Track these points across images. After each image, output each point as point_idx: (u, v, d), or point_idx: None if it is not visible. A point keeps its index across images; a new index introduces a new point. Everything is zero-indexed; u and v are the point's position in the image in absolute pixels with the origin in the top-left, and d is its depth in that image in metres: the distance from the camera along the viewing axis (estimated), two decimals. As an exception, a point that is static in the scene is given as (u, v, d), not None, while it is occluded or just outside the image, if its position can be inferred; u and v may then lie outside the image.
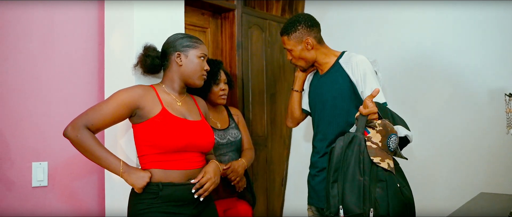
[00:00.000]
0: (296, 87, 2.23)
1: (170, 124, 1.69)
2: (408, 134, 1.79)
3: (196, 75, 1.81)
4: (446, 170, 2.58)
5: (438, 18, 2.66)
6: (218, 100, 2.31)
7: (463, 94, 2.54)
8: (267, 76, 3.09)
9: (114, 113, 1.65)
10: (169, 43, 1.83)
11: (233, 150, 2.32)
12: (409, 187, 1.65)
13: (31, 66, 2.01)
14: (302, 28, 2.02)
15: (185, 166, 1.72)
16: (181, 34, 1.86)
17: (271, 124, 3.10)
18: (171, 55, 1.80)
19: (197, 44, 1.83)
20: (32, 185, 1.98)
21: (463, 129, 2.53)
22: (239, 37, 2.87)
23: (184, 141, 1.69)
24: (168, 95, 1.79)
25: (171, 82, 1.82)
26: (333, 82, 2.01)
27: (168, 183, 1.68)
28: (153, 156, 1.69)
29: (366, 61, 1.94)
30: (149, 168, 1.70)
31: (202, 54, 1.82)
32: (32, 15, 2.01)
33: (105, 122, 1.66)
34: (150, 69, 1.83)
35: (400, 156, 1.69)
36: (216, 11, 2.87)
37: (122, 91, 1.70)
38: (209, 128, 1.84)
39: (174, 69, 1.80)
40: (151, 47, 1.84)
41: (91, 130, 1.64)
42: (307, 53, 2.04)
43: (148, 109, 1.70)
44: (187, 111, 1.81)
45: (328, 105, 2.03)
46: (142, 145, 1.72)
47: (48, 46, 2.06)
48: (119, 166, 1.63)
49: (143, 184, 1.64)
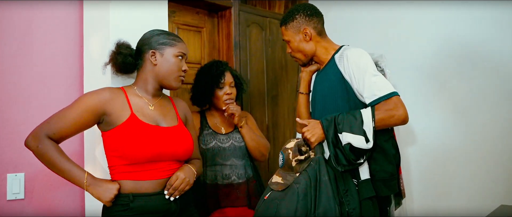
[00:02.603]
0: (301, 88, 2.02)
1: (139, 132, 1.53)
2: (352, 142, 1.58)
3: (172, 76, 1.64)
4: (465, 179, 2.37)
5: (446, 14, 2.50)
6: (223, 106, 2.16)
7: (480, 94, 2.34)
8: (268, 77, 2.91)
9: (78, 120, 1.51)
10: (144, 40, 1.67)
11: (238, 156, 2.16)
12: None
13: (6, 71, 1.89)
14: (300, 17, 1.84)
15: (157, 176, 1.56)
16: (158, 30, 1.69)
17: (273, 128, 2.91)
18: (145, 53, 1.64)
19: (174, 41, 1.66)
20: (7, 198, 1.85)
21: (479, 133, 2.32)
22: (236, 37, 2.71)
23: (154, 151, 1.53)
24: (140, 99, 1.63)
25: (144, 83, 1.65)
26: (325, 80, 1.82)
27: (139, 194, 1.52)
28: (122, 167, 1.54)
29: (360, 55, 1.71)
30: (118, 179, 1.55)
31: (180, 53, 1.65)
32: (8, 17, 1.89)
33: (69, 130, 1.51)
34: (122, 68, 1.67)
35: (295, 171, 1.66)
36: (211, 9, 2.72)
37: (87, 96, 1.55)
38: (187, 134, 1.67)
39: (148, 68, 1.64)
40: (124, 44, 1.67)
41: (54, 139, 1.50)
42: (305, 45, 1.85)
43: (116, 115, 1.54)
44: (160, 115, 1.64)
45: (319, 106, 1.84)
46: (110, 155, 1.56)
47: (24, 50, 1.93)
48: (83, 179, 1.49)
49: (110, 197, 1.49)
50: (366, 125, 1.58)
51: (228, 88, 2.17)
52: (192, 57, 2.62)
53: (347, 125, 1.60)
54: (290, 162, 1.64)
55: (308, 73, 1.98)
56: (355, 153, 1.60)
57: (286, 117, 3.01)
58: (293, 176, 1.63)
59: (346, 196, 1.62)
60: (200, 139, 2.15)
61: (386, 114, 1.59)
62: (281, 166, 1.71)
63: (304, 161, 1.64)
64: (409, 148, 2.61)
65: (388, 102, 1.60)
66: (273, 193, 1.65)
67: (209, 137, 2.15)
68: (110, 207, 1.52)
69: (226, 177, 2.12)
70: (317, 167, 1.60)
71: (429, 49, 2.55)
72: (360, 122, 1.59)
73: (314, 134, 1.67)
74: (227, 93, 2.16)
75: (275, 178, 1.69)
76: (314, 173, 1.60)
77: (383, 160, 1.67)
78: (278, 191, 1.64)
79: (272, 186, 1.68)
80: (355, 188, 1.64)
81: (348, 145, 1.58)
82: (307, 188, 1.57)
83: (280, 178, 1.67)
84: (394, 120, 1.60)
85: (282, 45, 3.01)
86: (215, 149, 2.13)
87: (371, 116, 1.59)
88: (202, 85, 2.18)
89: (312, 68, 1.95)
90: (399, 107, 1.60)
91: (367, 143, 1.57)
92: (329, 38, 1.90)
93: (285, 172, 1.67)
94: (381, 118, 1.59)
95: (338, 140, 1.61)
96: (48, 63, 2.00)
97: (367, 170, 1.66)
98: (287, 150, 1.67)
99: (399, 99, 1.62)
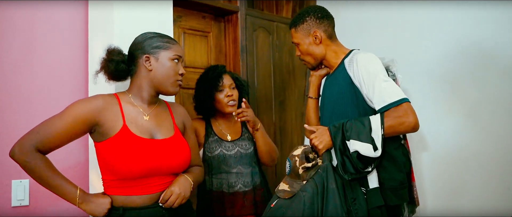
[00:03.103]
0: (310, 93, 1.99)
1: (131, 146, 1.44)
2: (360, 150, 1.54)
3: (169, 81, 1.56)
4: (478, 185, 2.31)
5: (457, 16, 2.44)
6: (227, 109, 2.11)
7: (493, 97, 2.28)
8: (275, 82, 2.88)
9: (68, 130, 1.43)
10: (136, 44, 1.58)
11: (244, 163, 2.12)
12: None
13: (10, 74, 1.88)
14: (310, 19, 1.81)
15: (150, 191, 1.49)
16: (151, 33, 1.61)
17: (280, 134, 2.88)
18: (139, 58, 1.55)
19: (169, 44, 1.58)
20: (12, 204, 1.84)
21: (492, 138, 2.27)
22: (243, 41, 2.68)
23: (147, 166, 1.45)
24: (134, 108, 1.55)
25: (140, 90, 1.57)
26: (334, 85, 1.78)
27: (130, 207, 1.47)
28: (114, 181, 1.48)
29: (370, 60, 1.67)
30: (110, 194, 1.50)
31: (176, 56, 1.57)
32: (12, 17, 1.88)
33: (58, 140, 1.43)
34: (115, 76, 1.57)
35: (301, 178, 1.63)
36: (218, 14, 2.70)
37: (78, 104, 1.47)
38: (183, 145, 1.59)
39: (142, 74, 1.56)
40: (116, 50, 1.57)
41: (42, 151, 1.43)
42: (315, 48, 1.81)
43: (108, 126, 1.46)
44: (155, 126, 1.56)
45: (328, 111, 1.80)
46: (103, 167, 1.49)
47: (28, 52, 1.92)
48: (76, 196, 1.42)
49: (104, 212, 1.44)
50: (375, 133, 1.55)
51: (229, 90, 2.13)
52: (198, 62, 2.60)
53: (355, 132, 1.56)
54: (297, 170, 1.61)
55: (318, 78, 1.94)
56: (363, 161, 1.56)
57: (293, 122, 2.97)
58: (300, 184, 1.60)
59: (354, 205, 1.58)
60: (205, 146, 2.12)
61: (395, 121, 1.55)
62: (288, 173, 1.67)
63: (312, 168, 1.61)
64: (420, 153, 2.56)
65: (398, 109, 1.56)
66: (280, 201, 1.62)
67: (214, 144, 2.11)
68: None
69: (232, 185, 2.08)
70: (324, 175, 1.57)
71: (439, 51, 2.50)
72: (369, 130, 1.55)
73: (322, 141, 1.63)
74: (228, 95, 2.11)
75: (282, 186, 1.66)
76: (321, 181, 1.56)
77: (393, 168, 1.63)
78: (285, 199, 1.60)
79: (279, 194, 1.65)
80: (364, 196, 1.60)
81: (355, 153, 1.54)
82: (313, 196, 1.54)
83: (286, 185, 1.64)
84: (403, 128, 1.56)
85: (289, 50, 2.98)
86: (220, 157, 2.09)
87: (380, 123, 1.55)
88: (201, 91, 2.14)
89: (322, 72, 1.91)
90: (409, 114, 1.55)
91: (375, 151, 1.53)
92: (339, 41, 1.86)
93: (292, 179, 1.64)
94: (390, 125, 1.55)
95: (345, 148, 1.58)
96: (53, 66, 1.98)
97: (376, 178, 1.62)
98: (294, 157, 1.64)
99: (409, 106, 1.57)
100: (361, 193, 1.61)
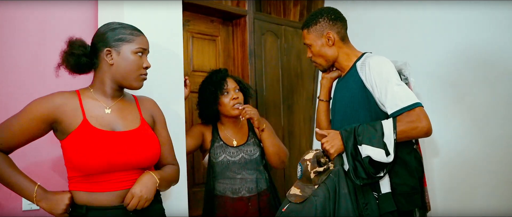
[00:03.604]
0: (321, 95, 1.97)
1: (90, 139, 1.37)
2: (372, 155, 1.53)
3: (132, 76, 1.47)
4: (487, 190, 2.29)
5: (466, 19, 2.42)
6: (232, 112, 2.10)
7: (502, 101, 2.26)
8: (284, 86, 2.87)
9: (26, 129, 1.38)
10: (98, 36, 1.49)
11: (249, 169, 2.11)
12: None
13: (21, 76, 1.88)
14: (324, 20, 1.79)
15: (115, 187, 1.41)
16: (114, 23, 1.51)
17: (289, 138, 2.87)
18: (100, 51, 1.46)
19: (132, 36, 1.48)
20: (23, 208, 1.83)
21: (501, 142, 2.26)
22: (251, 45, 2.68)
23: (107, 160, 1.38)
24: (95, 102, 1.47)
25: (101, 84, 1.48)
26: (346, 89, 1.76)
27: (94, 207, 1.39)
28: (77, 177, 1.41)
29: (383, 63, 1.66)
30: (72, 190, 1.42)
31: (139, 49, 1.47)
32: (21, 19, 1.88)
33: (17, 139, 1.39)
34: (76, 69, 1.48)
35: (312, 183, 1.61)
36: (226, 17, 2.70)
37: (36, 102, 1.41)
38: (150, 137, 1.50)
39: (104, 69, 1.47)
40: (77, 42, 1.48)
41: (2, 150, 1.38)
42: (327, 50, 1.79)
43: (67, 122, 1.40)
44: (117, 119, 1.47)
45: (339, 114, 1.79)
46: (68, 166, 1.43)
47: (39, 54, 1.91)
48: (33, 192, 1.36)
49: (62, 208, 1.36)
50: (387, 138, 1.53)
51: (233, 93, 2.11)
52: (207, 66, 2.60)
53: (367, 137, 1.55)
54: (309, 174, 1.60)
55: (329, 80, 1.93)
56: (375, 166, 1.55)
57: (302, 126, 2.96)
58: (312, 188, 1.59)
59: (365, 210, 1.57)
60: (210, 151, 2.11)
61: (408, 126, 1.54)
62: (299, 177, 1.66)
63: (323, 173, 1.60)
64: (430, 157, 2.55)
65: (411, 114, 1.55)
66: (291, 206, 1.61)
67: (219, 150, 2.10)
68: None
69: (236, 191, 2.08)
70: (336, 180, 1.56)
71: (449, 54, 2.48)
72: (381, 134, 1.54)
73: (333, 145, 1.62)
74: (234, 97, 2.10)
75: (293, 190, 1.65)
76: (333, 185, 1.55)
77: (405, 173, 1.61)
78: (296, 203, 1.59)
79: (290, 198, 1.64)
80: (376, 201, 1.59)
81: (367, 158, 1.53)
82: (325, 201, 1.53)
83: (298, 190, 1.63)
84: (416, 132, 1.55)
85: (297, 53, 2.98)
86: (224, 163, 2.08)
87: (392, 128, 1.54)
88: (206, 95, 2.12)
89: (333, 75, 1.90)
90: (422, 119, 1.54)
91: (387, 156, 1.52)
92: (352, 44, 1.85)
93: (303, 184, 1.63)
94: (402, 130, 1.54)
95: (357, 152, 1.56)
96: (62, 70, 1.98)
97: (388, 183, 1.60)
98: (306, 162, 1.63)
99: (422, 110, 1.56)
100: (373, 198, 1.59)
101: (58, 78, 1.95)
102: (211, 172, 2.10)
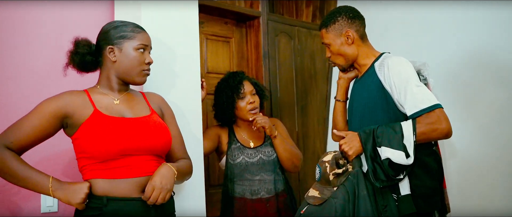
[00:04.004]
0: (338, 96, 1.95)
1: (103, 126, 1.41)
2: (391, 157, 1.51)
3: (135, 72, 1.52)
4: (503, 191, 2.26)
5: (485, 17, 2.39)
6: (248, 116, 2.10)
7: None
8: (297, 87, 2.86)
9: (37, 127, 1.41)
10: (101, 35, 1.55)
11: (267, 170, 2.10)
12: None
13: (40, 76, 1.89)
14: (342, 19, 1.77)
15: (133, 174, 1.42)
16: (117, 22, 1.57)
17: (303, 139, 2.86)
18: (104, 49, 1.52)
19: (133, 33, 1.53)
20: (41, 211, 1.84)
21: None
22: (265, 46, 2.68)
23: (120, 144, 1.40)
24: (103, 95, 1.52)
25: (107, 80, 1.54)
26: (364, 89, 1.74)
27: (115, 198, 1.39)
28: (93, 165, 1.42)
29: (402, 64, 1.64)
30: (90, 178, 1.42)
31: (141, 45, 1.52)
32: (38, 18, 1.89)
33: (28, 139, 1.40)
34: (82, 68, 1.54)
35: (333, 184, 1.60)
36: (240, 19, 2.70)
37: (46, 101, 1.45)
38: (161, 124, 1.54)
39: (108, 66, 1.52)
40: (82, 41, 1.54)
41: (14, 150, 1.39)
42: (347, 48, 1.77)
43: (78, 115, 1.44)
44: (126, 108, 1.52)
45: (357, 116, 1.77)
46: (79, 157, 1.45)
47: (56, 54, 1.90)
48: (48, 183, 1.36)
49: (81, 197, 1.35)
50: (407, 139, 1.51)
51: (250, 97, 2.11)
52: (220, 68, 2.60)
53: (386, 139, 1.53)
54: (327, 176, 1.59)
55: (346, 81, 1.90)
56: (395, 168, 1.53)
57: (316, 127, 2.95)
58: (331, 190, 1.57)
59: (385, 212, 1.55)
60: (228, 153, 2.11)
61: (428, 127, 1.52)
62: (318, 179, 1.65)
63: (342, 174, 1.58)
64: (448, 158, 2.52)
65: (431, 115, 1.52)
66: (310, 208, 1.60)
67: (237, 151, 2.10)
68: (82, 212, 1.39)
69: (255, 192, 2.07)
70: (355, 182, 1.54)
71: (462, 55, 2.46)
72: (400, 136, 1.52)
73: (351, 147, 1.61)
74: (250, 102, 2.10)
75: (312, 192, 1.64)
76: (352, 187, 1.54)
77: (424, 175, 1.59)
78: (315, 205, 1.58)
79: (309, 200, 1.63)
80: (395, 203, 1.57)
81: (387, 160, 1.52)
82: (345, 203, 1.51)
83: (317, 192, 1.62)
84: (436, 134, 1.53)
85: (310, 54, 2.97)
86: (243, 165, 2.08)
87: (412, 130, 1.52)
88: (222, 99, 2.13)
89: (350, 75, 1.88)
90: (442, 121, 1.52)
91: (407, 158, 1.50)
92: (370, 43, 1.83)
93: (322, 186, 1.62)
94: (422, 131, 1.52)
95: (376, 154, 1.55)
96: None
97: (407, 185, 1.58)
98: (324, 164, 1.62)
99: (442, 112, 1.54)
100: (392, 200, 1.58)
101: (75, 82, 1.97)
102: (228, 174, 2.10)
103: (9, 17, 1.84)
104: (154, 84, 1.79)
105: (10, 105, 1.81)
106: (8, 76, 1.82)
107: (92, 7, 2.02)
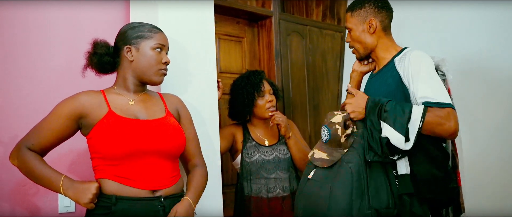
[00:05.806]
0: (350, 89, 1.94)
1: (116, 127, 1.43)
2: (390, 138, 1.47)
3: (152, 71, 1.53)
4: None
5: (496, 18, 2.38)
6: (266, 114, 2.12)
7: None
8: (309, 86, 2.86)
9: (56, 128, 1.44)
10: (119, 35, 1.57)
11: (283, 168, 2.11)
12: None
13: (54, 77, 1.90)
14: (369, 6, 1.73)
15: (144, 175, 1.44)
16: (134, 23, 1.59)
17: (315, 138, 2.85)
18: (121, 50, 1.54)
19: (150, 33, 1.55)
20: (59, 211, 1.85)
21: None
22: (277, 46, 2.68)
23: (132, 146, 1.42)
24: (119, 96, 1.54)
25: (124, 81, 1.56)
26: (382, 84, 1.70)
27: (124, 197, 1.41)
28: (105, 166, 1.44)
29: (422, 57, 1.60)
30: (101, 178, 1.44)
31: (158, 45, 1.54)
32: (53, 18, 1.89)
33: (49, 140, 1.45)
34: (100, 69, 1.57)
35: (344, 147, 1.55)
36: (252, 19, 2.70)
37: (62, 102, 1.48)
38: (175, 127, 1.54)
39: (125, 66, 1.54)
40: (101, 43, 1.57)
41: (36, 152, 1.44)
42: (367, 37, 1.73)
43: (93, 115, 1.46)
44: (141, 109, 1.53)
45: None
46: (93, 157, 1.48)
47: (72, 55, 1.91)
48: (59, 182, 1.38)
49: (89, 197, 1.37)
50: (412, 124, 1.47)
51: (269, 95, 2.13)
52: (233, 67, 2.60)
53: (391, 118, 1.49)
54: (339, 138, 1.53)
55: (359, 74, 1.88)
56: (391, 148, 1.49)
57: (328, 127, 2.95)
58: (341, 152, 1.53)
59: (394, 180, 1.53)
60: (243, 152, 2.12)
61: (436, 119, 1.47)
62: (326, 141, 1.58)
63: (350, 135, 1.54)
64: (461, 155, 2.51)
65: (442, 110, 1.49)
66: (318, 171, 1.55)
67: (252, 149, 2.11)
68: (91, 211, 1.41)
69: (271, 190, 2.08)
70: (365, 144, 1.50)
71: (475, 52, 2.45)
72: (407, 119, 1.47)
73: (354, 110, 1.58)
74: (269, 100, 2.12)
75: (318, 154, 1.58)
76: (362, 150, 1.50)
77: (425, 161, 1.53)
78: (324, 168, 1.54)
79: (316, 163, 1.57)
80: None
81: (385, 138, 1.48)
82: (360, 167, 1.48)
83: (325, 154, 1.56)
84: (441, 129, 1.48)
85: (322, 53, 2.96)
86: (259, 162, 2.09)
87: (421, 115, 1.47)
88: (242, 96, 2.13)
89: (364, 68, 1.85)
90: (451, 119, 1.48)
91: (405, 143, 1.46)
92: (393, 37, 1.80)
93: (330, 147, 1.56)
94: (430, 121, 1.47)
95: (376, 128, 1.51)
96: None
97: (404, 165, 1.54)
98: (335, 125, 1.55)
99: (453, 112, 1.49)
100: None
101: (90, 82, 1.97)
102: (244, 172, 2.10)
103: (25, 18, 1.85)
104: (171, 85, 1.79)
105: (27, 105, 1.82)
106: (25, 76, 1.83)
107: (107, 8, 2.03)
